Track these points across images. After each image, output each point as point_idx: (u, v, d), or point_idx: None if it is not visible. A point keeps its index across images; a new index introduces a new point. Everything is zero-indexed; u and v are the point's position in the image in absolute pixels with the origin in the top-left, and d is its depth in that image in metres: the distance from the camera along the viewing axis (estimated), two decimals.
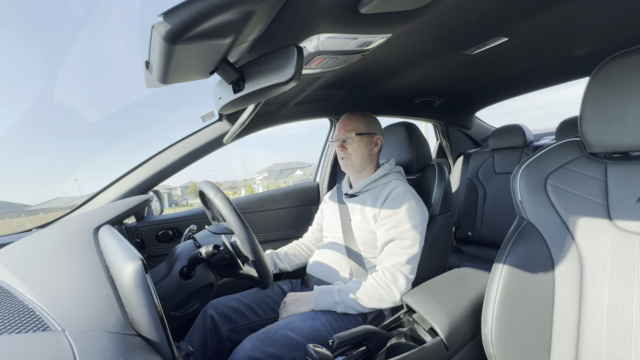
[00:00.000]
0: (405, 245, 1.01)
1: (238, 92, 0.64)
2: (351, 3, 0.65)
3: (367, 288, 0.97)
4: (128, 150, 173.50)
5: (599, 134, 0.67)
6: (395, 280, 0.97)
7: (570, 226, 0.69)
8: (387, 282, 0.97)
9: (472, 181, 2.05)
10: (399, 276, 0.98)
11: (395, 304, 0.98)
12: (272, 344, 0.87)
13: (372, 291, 0.97)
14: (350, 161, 1.16)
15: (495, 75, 1.63)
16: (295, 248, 1.33)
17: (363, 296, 0.97)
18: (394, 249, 1.02)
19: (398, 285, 0.97)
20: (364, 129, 1.17)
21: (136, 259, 0.51)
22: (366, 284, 0.98)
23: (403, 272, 0.98)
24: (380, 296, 0.96)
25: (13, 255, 0.67)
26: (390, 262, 1.01)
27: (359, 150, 1.15)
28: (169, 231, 1.38)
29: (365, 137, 1.16)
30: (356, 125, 1.17)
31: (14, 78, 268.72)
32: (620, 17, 1.02)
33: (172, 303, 0.80)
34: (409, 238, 1.02)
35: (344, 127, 1.18)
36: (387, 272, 0.99)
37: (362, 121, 1.18)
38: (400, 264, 0.99)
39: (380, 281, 0.98)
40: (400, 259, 1.00)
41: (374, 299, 0.97)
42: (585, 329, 0.64)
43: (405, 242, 1.02)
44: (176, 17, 0.44)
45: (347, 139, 1.16)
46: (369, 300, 0.97)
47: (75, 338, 0.42)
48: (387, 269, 1.00)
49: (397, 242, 1.02)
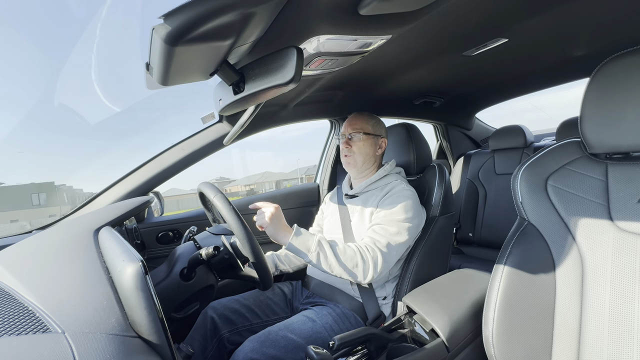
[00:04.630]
0: (391, 231, 0.98)
1: (238, 94, 0.64)
2: (351, 4, 0.65)
3: (347, 251, 0.93)
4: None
5: (600, 135, 0.67)
6: (375, 258, 0.93)
7: (571, 227, 0.69)
8: (367, 254, 0.93)
9: (472, 182, 2.05)
10: (379, 255, 0.94)
11: (362, 282, 0.94)
12: (272, 346, 0.87)
13: (352, 256, 0.92)
14: (353, 159, 1.17)
15: (496, 76, 1.63)
16: None
17: (342, 255, 0.92)
18: (377, 230, 0.99)
19: (376, 263, 0.93)
20: (371, 129, 1.17)
21: (136, 261, 0.51)
22: (347, 248, 0.94)
23: (382, 252, 0.95)
24: (357, 264, 0.92)
25: (13, 256, 0.67)
26: (371, 240, 0.97)
27: (364, 149, 1.16)
28: (169, 233, 1.38)
29: (371, 138, 1.17)
30: (364, 125, 1.17)
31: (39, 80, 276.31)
32: (620, 17, 1.02)
33: (172, 305, 0.80)
34: (395, 227, 0.99)
35: (352, 125, 1.18)
36: (369, 248, 0.95)
37: (370, 122, 1.19)
38: (382, 245, 0.96)
39: (362, 252, 0.94)
40: (382, 240, 0.96)
41: (350, 264, 0.92)
42: (586, 330, 0.64)
43: (391, 228, 0.99)
44: (176, 19, 0.44)
45: (354, 137, 1.16)
46: (345, 263, 0.92)
47: (75, 340, 0.42)
48: (368, 245, 0.96)
49: (382, 226, 1.00)
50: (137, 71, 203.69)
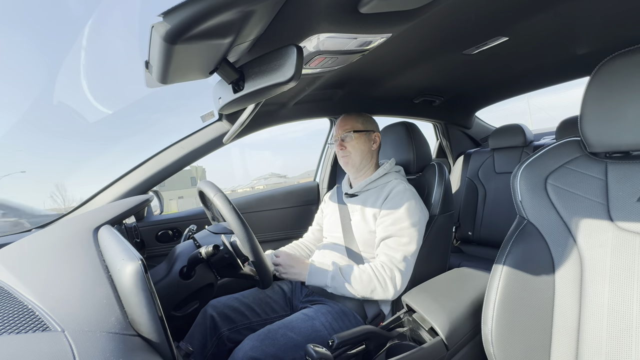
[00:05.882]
0: (403, 242, 1.02)
1: (238, 92, 0.63)
2: (351, 3, 0.65)
3: (364, 277, 0.98)
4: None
5: (599, 134, 0.67)
6: (392, 276, 0.98)
7: (570, 226, 0.69)
8: (384, 275, 0.98)
9: (472, 181, 2.05)
10: (396, 273, 0.98)
11: (387, 299, 0.99)
12: (272, 344, 0.87)
13: (368, 281, 0.98)
14: (350, 159, 1.18)
15: (496, 75, 1.63)
16: (295, 248, 1.33)
17: (357, 284, 0.98)
18: (391, 245, 1.02)
19: (395, 281, 0.98)
20: (361, 126, 1.19)
21: (136, 259, 0.51)
22: (362, 274, 0.99)
23: (399, 269, 0.99)
24: (375, 288, 0.97)
25: (13, 255, 0.67)
26: (387, 258, 1.01)
27: (358, 147, 1.17)
28: (168, 231, 1.38)
29: (364, 134, 1.18)
30: (353, 124, 1.19)
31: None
32: (620, 16, 1.02)
33: (172, 303, 0.80)
34: (406, 235, 1.02)
35: (342, 127, 1.20)
36: (386, 266, 0.99)
37: (359, 120, 1.20)
38: (398, 261, 1.00)
39: (378, 273, 0.98)
40: (397, 255, 1.00)
41: (368, 290, 0.98)
42: (585, 329, 0.64)
43: (402, 239, 1.02)
44: (176, 17, 0.44)
45: (346, 137, 1.18)
46: (362, 289, 0.98)
47: (75, 338, 0.42)
48: (385, 264, 1.00)
49: (394, 238, 1.03)
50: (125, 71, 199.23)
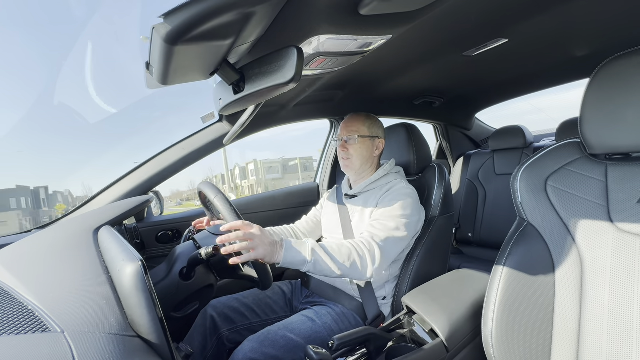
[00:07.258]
0: (389, 226, 0.98)
1: (238, 93, 0.64)
2: (351, 4, 0.65)
3: (343, 251, 0.89)
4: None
5: (600, 135, 0.67)
6: (371, 250, 0.91)
7: (570, 227, 0.69)
8: (363, 250, 0.91)
9: (472, 182, 2.05)
10: (376, 248, 0.92)
11: (364, 278, 0.92)
12: (271, 346, 0.87)
13: (348, 254, 0.89)
14: (350, 162, 1.16)
15: (496, 77, 1.63)
16: (283, 231, 1.26)
17: (337, 256, 0.88)
18: (376, 225, 0.98)
19: (374, 256, 0.91)
20: (367, 131, 1.16)
21: (136, 260, 0.51)
22: (342, 247, 0.90)
23: (379, 245, 0.93)
24: (353, 261, 0.89)
25: (13, 256, 0.67)
26: (369, 234, 0.96)
27: (360, 152, 1.14)
28: (169, 232, 1.38)
29: (368, 140, 1.15)
30: (359, 127, 1.16)
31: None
32: (620, 18, 1.02)
33: (172, 304, 0.80)
34: (394, 222, 0.98)
35: (347, 128, 1.17)
36: (365, 242, 0.93)
37: (366, 123, 1.17)
38: (379, 238, 0.94)
39: (357, 247, 0.91)
40: (380, 234, 0.95)
41: (347, 264, 0.88)
42: (585, 331, 0.64)
43: (389, 223, 0.98)
44: (177, 18, 0.44)
45: (349, 140, 1.15)
46: (342, 264, 0.87)
47: (75, 339, 0.42)
48: (365, 239, 0.94)
49: (381, 221, 0.99)
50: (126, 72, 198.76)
